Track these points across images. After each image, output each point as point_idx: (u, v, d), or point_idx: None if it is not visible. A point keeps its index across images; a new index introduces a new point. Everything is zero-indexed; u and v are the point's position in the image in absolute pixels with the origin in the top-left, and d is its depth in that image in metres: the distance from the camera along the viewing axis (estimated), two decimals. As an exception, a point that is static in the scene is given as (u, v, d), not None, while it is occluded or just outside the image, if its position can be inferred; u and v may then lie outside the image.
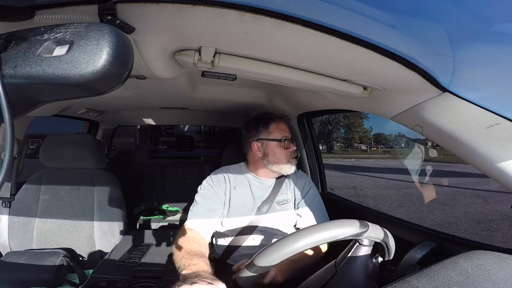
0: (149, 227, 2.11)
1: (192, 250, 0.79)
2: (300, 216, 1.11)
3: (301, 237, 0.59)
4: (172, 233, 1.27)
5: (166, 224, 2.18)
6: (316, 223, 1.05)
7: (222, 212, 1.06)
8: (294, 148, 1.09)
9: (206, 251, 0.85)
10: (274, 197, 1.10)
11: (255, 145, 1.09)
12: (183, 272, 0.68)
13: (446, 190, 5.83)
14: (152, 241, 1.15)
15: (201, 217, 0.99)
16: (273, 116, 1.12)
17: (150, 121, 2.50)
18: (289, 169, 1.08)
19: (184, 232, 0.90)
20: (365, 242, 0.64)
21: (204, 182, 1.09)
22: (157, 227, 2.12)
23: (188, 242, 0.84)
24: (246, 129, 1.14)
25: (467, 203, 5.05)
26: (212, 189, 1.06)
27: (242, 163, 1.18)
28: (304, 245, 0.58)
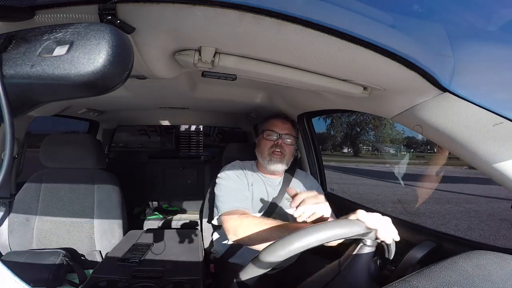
0: (149, 227, 2.12)
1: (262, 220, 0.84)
2: None
3: (309, 234, 0.57)
4: (172, 233, 1.27)
5: (166, 224, 2.18)
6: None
7: (250, 198, 1.06)
8: (279, 141, 1.08)
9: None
10: (283, 195, 1.13)
11: (257, 139, 1.18)
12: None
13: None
14: (152, 241, 1.14)
15: (243, 202, 0.99)
16: (277, 115, 1.19)
17: (150, 121, 2.50)
18: (269, 163, 1.07)
19: (241, 217, 0.90)
20: (369, 242, 0.63)
21: (224, 172, 1.08)
22: (157, 227, 2.12)
23: (249, 217, 0.88)
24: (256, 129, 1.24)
25: None
26: (235, 176, 1.07)
27: (254, 161, 1.21)
28: (313, 241, 0.56)
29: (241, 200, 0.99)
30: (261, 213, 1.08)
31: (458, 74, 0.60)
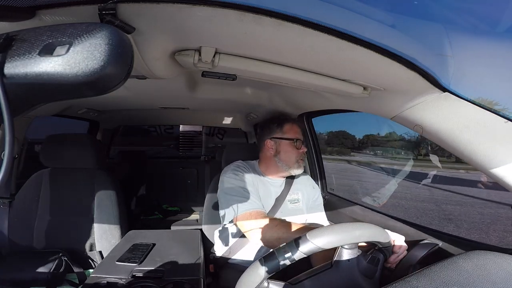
0: (149, 227, 2.12)
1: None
2: (310, 217, 1.16)
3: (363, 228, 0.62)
4: (172, 233, 1.27)
5: (166, 224, 2.18)
6: (320, 225, 1.09)
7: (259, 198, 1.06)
8: (305, 149, 1.14)
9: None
10: (285, 196, 1.13)
11: (269, 143, 1.14)
12: None
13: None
14: (152, 241, 1.14)
15: (258, 202, 0.99)
16: (287, 117, 1.18)
17: (150, 121, 2.51)
18: (297, 169, 1.12)
19: (256, 218, 0.93)
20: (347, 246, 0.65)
21: (232, 172, 1.08)
22: (157, 227, 2.12)
23: (268, 220, 0.89)
24: (261, 128, 1.20)
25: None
26: (244, 177, 1.07)
27: (255, 161, 1.21)
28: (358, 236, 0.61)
29: (255, 201, 0.99)
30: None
31: (458, 74, 0.60)
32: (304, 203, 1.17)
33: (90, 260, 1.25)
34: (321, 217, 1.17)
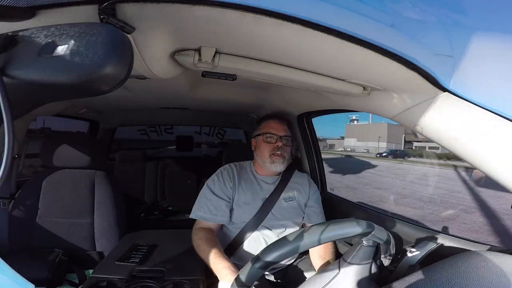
0: (149, 227, 2.12)
1: (213, 251, 0.91)
2: (307, 216, 1.16)
3: (309, 235, 0.58)
4: (172, 233, 1.27)
5: (166, 224, 2.18)
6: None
7: (229, 207, 1.10)
8: (279, 144, 1.11)
9: (221, 249, 0.96)
10: (280, 194, 1.13)
11: (252, 141, 1.20)
12: (216, 268, 0.86)
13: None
14: (152, 241, 1.14)
15: (210, 214, 1.06)
16: (269, 115, 1.20)
17: (150, 121, 2.51)
18: (271, 165, 1.10)
19: (200, 232, 1.02)
20: (369, 243, 0.63)
21: (213, 176, 1.14)
22: (157, 227, 2.12)
23: (206, 243, 0.96)
24: (252, 129, 1.27)
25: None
26: (220, 183, 1.11)
27: (249, 161, 1.23)
28: (312, 241, 0.58)
29: (211, 212, 1.05)
30: (255, 213, 1.09)
31: (458, 74, 0.60)
32: (300, 202, 1.17)
33: (90, 260, 1.25)
34: (318, 216, 1.16)
